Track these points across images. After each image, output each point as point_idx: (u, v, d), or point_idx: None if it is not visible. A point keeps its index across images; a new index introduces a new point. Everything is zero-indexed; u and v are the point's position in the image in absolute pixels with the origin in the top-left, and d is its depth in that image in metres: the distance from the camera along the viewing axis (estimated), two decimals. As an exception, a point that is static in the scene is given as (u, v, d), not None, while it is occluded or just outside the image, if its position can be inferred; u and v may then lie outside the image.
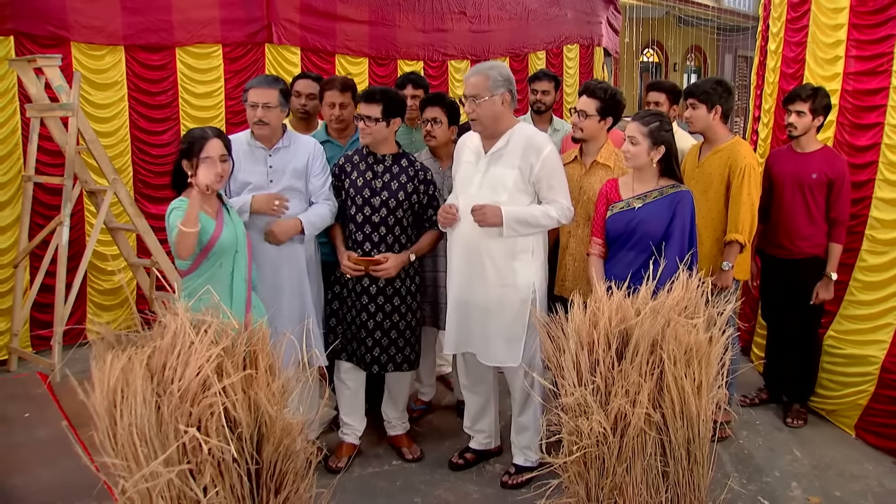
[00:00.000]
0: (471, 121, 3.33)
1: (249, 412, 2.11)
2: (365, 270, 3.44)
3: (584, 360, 2.43)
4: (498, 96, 3.26)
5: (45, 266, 4.95)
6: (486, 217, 3.24)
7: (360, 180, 3.50)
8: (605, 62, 10.16)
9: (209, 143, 2.97)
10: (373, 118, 3.41)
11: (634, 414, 2.32)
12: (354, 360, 3.62)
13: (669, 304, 2.49)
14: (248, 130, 3.51)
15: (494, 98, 3.25)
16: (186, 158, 3.00)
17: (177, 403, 2.01)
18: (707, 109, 3.78)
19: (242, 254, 3.09)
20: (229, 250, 3.05)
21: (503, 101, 3.28)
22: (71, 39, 5.37)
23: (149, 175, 5.87)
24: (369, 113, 3.41)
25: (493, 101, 3.25)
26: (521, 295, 3.37)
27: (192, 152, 2.97)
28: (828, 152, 4.01)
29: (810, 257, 4.00)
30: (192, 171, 2.97)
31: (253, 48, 6.33)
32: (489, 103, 3.25)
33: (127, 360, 2.08)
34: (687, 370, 2.38)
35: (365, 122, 3.42)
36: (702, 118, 3.81)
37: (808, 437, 4.09)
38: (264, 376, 2.15)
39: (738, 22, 21.01)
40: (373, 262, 3.42)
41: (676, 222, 3.19)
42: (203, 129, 3.08)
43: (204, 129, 3.06)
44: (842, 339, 4.20)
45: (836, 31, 4.41)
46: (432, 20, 7.71)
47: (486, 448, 3.81)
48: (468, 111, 3.29)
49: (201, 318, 2.22)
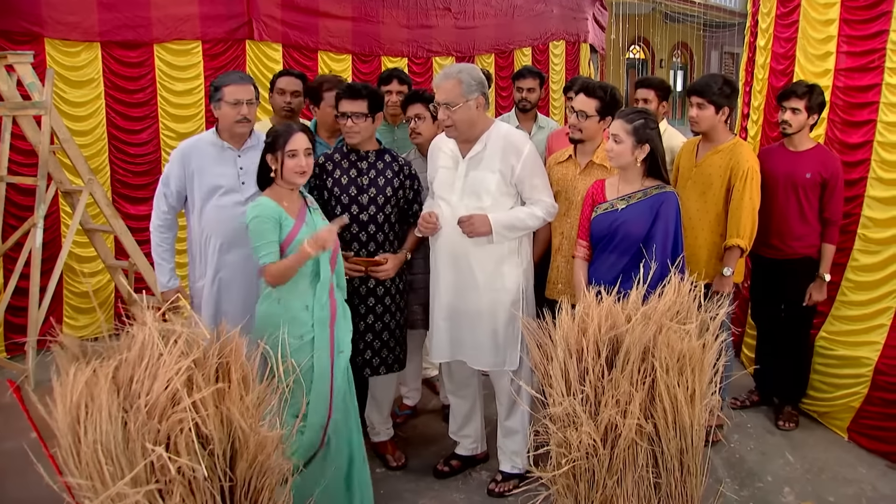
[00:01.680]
0: (445, 128, 3.20)
1: (222, 427, 2.00)
2: (365, 271, 3.33)
3: (573, 368, 2.33)
4: (472, 101, 3.13)
5: (18, 269, 4.80)
6: (475, 228, 3.14)
7: (344, 178, 3.38)
8: (591, 59, 10.10)
9: (294, 136, 2.87)
10: (361, 114, 3.30)
11: (625, 425, 2.23)
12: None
13: (661, 309, 2.40)
14: (211, 130, 3.39)
15: (469, 103, 3.13)
16: (271, 152, 2.90)
17: (144, 419, 1.90)
18: (715, 111, 3.68)
19: (325, 255, 2.92)
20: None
21: (477, 105, 3.17)
22: (45, 36, 5.22)
23: (127, 175, 5.73)
24: (357, 109, 3.30)
25: (467, 106, 3.13)
26: (512, 297, 3.30)
27: (276, 146, 2.88)
28: (821, 151, 3.93)
29: (803, 258, 3.92)
30: (276, 165, 2.88)
31: (233, 45, 6.19)
32: (464, 109, 3.12)
33: (91, 372, 1.96)
34: (680, 378, 2.28)
35: (353, 119, 3.30)
36: (708, 119, 3.70)
37: (800, 440, 4.02)
38: (237, 389, 2.04)
39: (725, 18, 21.08)
40: (373, 263, 3.31)
41: (659, 224, 3.07)
42: (287, 124, 2.99)
43: (288, 124, 2.97)
44: (834, 341, 4.13)
45: (826, 27, 4.33)
46: (416, 16, 7.60)
47: (473, 454, 3.73)
48: (442, 118, 3.16)
49: (170, 328, 2.11)
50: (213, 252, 3.34)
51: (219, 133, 3.36)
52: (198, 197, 3.33)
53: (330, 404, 2.91)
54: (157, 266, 3.46)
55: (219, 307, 3.35)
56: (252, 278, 3.31)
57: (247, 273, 3.31)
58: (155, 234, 3.43)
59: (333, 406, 2.92)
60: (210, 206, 3.33)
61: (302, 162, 2.87)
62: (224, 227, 3.30)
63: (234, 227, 3.27)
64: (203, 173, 3.30)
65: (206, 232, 3.35)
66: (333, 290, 2.99)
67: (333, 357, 2.92)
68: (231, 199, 3.32)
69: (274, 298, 2.89)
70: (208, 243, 3.35)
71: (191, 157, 3.32)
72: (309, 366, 2.85)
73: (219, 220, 3.31)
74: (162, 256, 3.44)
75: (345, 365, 3.00)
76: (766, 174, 3.76)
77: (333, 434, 2.97)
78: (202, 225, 3.36)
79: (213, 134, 3.37)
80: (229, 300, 3.35)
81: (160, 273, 3.46)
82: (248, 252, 3.28)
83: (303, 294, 2.89)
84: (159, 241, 3.43)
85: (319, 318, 2.89)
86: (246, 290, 3.32)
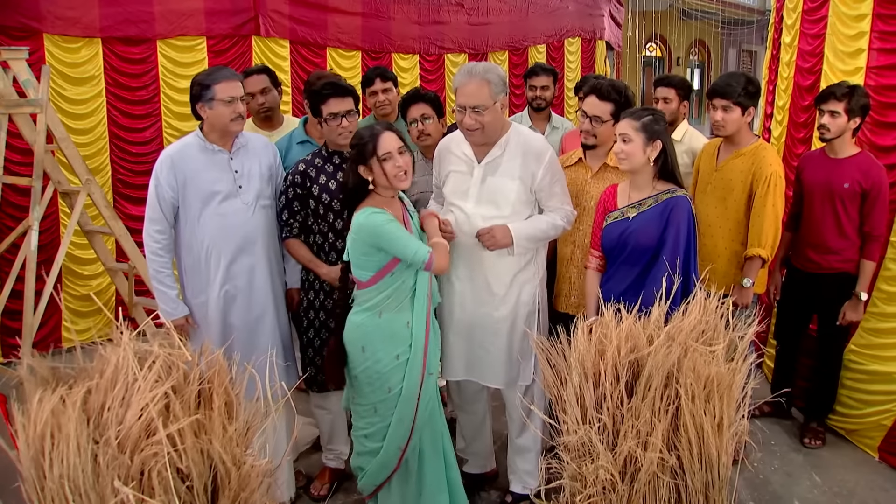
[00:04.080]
0: (470, 131, 2.93)
1: (202, 460, 1.82)
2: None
3: (589, 394, 2.12)
4: (500, 102, 2.92)
5: (15, 271, 4.64)
6: (496, 241, 2.91)
7: (332, 183, 3.15)
8: (607, 56, 9.90)
9: (382, 138, 2.65)
10: (353, 112, 3.14)
11: (646, 458, 2.03)
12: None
13: (686, 329, 2.19)
14: (194, 134, 3.11)
15: (496, 105, 2.90)
16: (362, 163, 2.67)
17: (114, 453, 1.72)
18: (742, 112, 3.47)
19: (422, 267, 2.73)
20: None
21: (502, 106, 2.96)
22: (43, 31, 5.09)
23: (129, 174, 5.60)
24: (349, 107, 3.13)
25: (495, 108, 2.90)
26: (528, 310, 3.10)
27: (366, 154, 2.65)
28: (864, 159, 3.63)
29: (839, 273, 3.68)
30: (371, 175, 2.67)
31: (239, 41, 6.04)
32: (492, 112, 2.89)
33: (59, 400, 1.78)
34: (706, 406, 2.08)
35: (347, 118, 3.12)
36: (735, 122, 3.48)
37: (827, 459, 3.81)
38: (219, 419, 1.85)
39: (743, 16, 20.77)
40: None
41: (669, 232, 2.82)
42: (368, 127, 2.74)
43: (370, 127, 2.72)
44: (864, 354, 3.89)
45: (858, 22, 4.09)
46: (428, 12, 7.43)
47: (482, 472, 3.55)
48: (469, 123, 2.89)
49: (148, 349, 1.93)
50: (218, 264, 3.08)
51: (205, 136, 3.09)
52: (193, 206, 3.06)
53: (412, 428, 2.74)
54: (160, 294, 3.07)
55: (226, 321, 3.13)
56: (257, 288, 3.16)
57: (252, 283, 3.14)
58: (153, 259, 3.06)
59: (415, 429, 2.75)
60: (208, 214, 3.06)
61: (399, 162, 2.65)
62: (230, 235, 3.07)
63: (241, 234, 3.08)
64: (197, 180, 3.03)
65: (207, 243, 3.07)
66: (431, 306, 2.81)
67: (423, 379, 2.74)
68: (232, 206, 3.09)
69: (375, 311, 2.70)
70: (210, 255, 3.08)
71: (180, 164, 3.03)
72: (399, 389, 2.70)
73: (223, 229, 3.07)
74: (164, 283, 3.07)
75: (433, 388, 2.83)
76: (803, 182, 3.53)
77: (412, 456, 2.82)
78: (200, 236, 3.07)
79: (199, 138, 3.09)
80: (237, 313, 3.14)
81: (163, 301, 3.08)
82: (254, 261, 3.14)
83: (406, 309, 2.72)
84: (159, 266, 3.06)
85: (417, 337, 2.72)
86: (251, 300, 3.14)
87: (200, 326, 3.15)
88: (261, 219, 3.15)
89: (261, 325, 3.18)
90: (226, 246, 3.08)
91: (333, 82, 3.20)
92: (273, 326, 3.23)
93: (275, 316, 3.24)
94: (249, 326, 3.15)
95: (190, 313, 3.15)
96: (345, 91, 3.14)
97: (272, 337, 3.22)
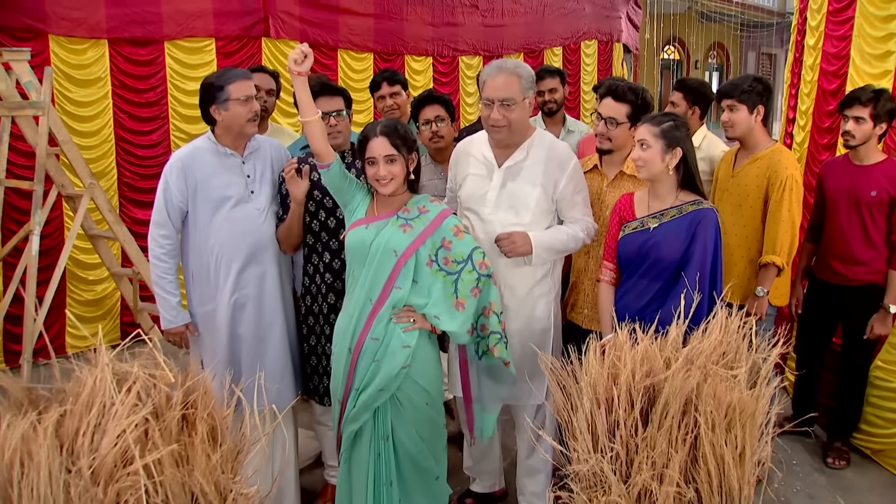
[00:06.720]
0: (496, 128, 2.80)
1: (182, 492, 1.69)
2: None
3: (601, 421, 1.98)
4: (528, 100, 2.80)
5: (17, 276, 4.56)
6: (515, 247, 2.76)
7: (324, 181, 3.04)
8: (624, 59, 9.75)
9: (372, 142, 2.60)
10: (342, 112, 3.04)
11: (662, 491, 1.88)
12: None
13: (706, 351, 2.05)
14: (205, 137, 3.02)
15: (525, 102, 2.78)
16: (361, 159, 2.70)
17: (87, 484, 1.60)
18: (748, 110, 3.32)
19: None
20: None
21: (530, 105, 2.83)
22: (49, 32, 5.01)
23: (135, 178, 5.51)
24: (337, 107, 3.03)
25: (523, 105, 2.77)
26: (542, 325, 2.96)
27: (359, 151, 2.67)
28: (891, 165, 3.49)
29: (866, 285, 3.52)
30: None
31: (249, 42, 5.96)
32: (520, 108, 2.76)
33: (29, 425, 1.66)
34: (727, 436, 1.93)
35: (335, 118, 3.02)
36: (743, 121, 3.34)
37: (852, 480, 3.64)
38: (202, 446, 1.72)
39: (763, 18, 20.54)
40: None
41: (696, 246, 2.67)
42: (371, 124, 2.67)
43: (372, 125, 2.66)
44: (891, 371, 3.72)
45: (887, 24, 3.93)
46: (442, 13, 7.30)
47: (490, 491, 3.41)
48: (496, 118, 2.75)
49: (128, 370, 1.80)
50: (229, 271, 2.97)
51: (217, 139, 2.99)
52: (203, 211, 2.96)
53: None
54: (162, 300, 2.98)
55: (234, 331, 3.01)
56: (268, 296, 3.04)
57: (262, 291, 3.02)
58: (156, 264, 2.97)
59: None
60: (219, 220, 2.95)
61: (380, 172, 2.58)
62: (240, 241, 2.96)
63: (252, 241, 2.97)
64: (208, 185, 2.93)
65: (217, 250, 2.96)
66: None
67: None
68: (243, 212, 2.97)
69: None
70: (220, 262, 2.97)
71: (192, 168, 2.94)
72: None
73: (233, 235, 2.96)
74: (166, 289, 2.97)
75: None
76: (827, 190, 3.37)
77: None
78: (210, 242, 2.97)
79: (210, 141, 3.00)
80: (246, 322, 3.02)
81: (165, 308, 2.99)
82: (265, 269, 3.02)
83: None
84: (162, 272, 2.96)
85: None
86: (261, 309, 3.03)
87: (204, 336, 3.05)
88: (272, 225, 3.04)
89: (270, 334, 3.06)
90: (236, 253, 2.97)
91: (323, 81, 3.09)
92: (282, 336, 3.11)
93: (284, 325, 3.11)
94: (259, 336, 3.03)
95: (192, 322, 3.05)
96: (334, 90, 3.05)
97: (281, 347, 3.10)
